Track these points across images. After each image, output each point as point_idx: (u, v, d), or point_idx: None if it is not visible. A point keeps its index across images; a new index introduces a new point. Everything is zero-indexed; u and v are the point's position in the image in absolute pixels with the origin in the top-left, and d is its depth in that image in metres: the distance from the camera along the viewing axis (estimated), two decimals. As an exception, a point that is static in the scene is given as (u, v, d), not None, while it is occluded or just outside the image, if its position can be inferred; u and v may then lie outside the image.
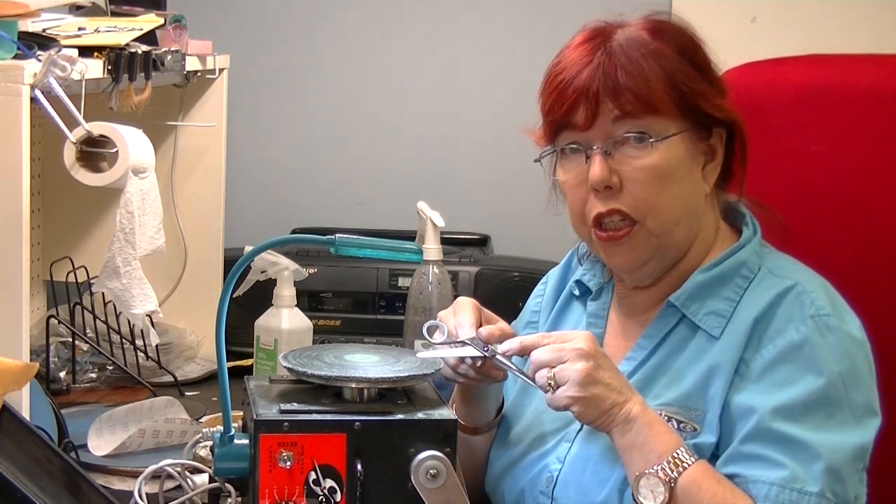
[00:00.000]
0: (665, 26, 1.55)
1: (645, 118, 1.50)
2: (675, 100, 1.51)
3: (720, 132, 1.56)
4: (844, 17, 2.65)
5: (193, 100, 2.44)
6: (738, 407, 1.46)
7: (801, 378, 1.44)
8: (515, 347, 1.49)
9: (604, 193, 1.52)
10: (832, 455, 1.41)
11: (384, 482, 1.40)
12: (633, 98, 1.50)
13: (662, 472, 1.41)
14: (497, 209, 2.79)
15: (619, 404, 1.44)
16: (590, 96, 1.51)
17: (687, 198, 1.54)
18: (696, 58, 1.55)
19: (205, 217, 2.47)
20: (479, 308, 1.58)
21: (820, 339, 1.46)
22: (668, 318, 1.56)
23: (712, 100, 1.54)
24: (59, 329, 2.27)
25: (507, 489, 1.62)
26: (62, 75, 1.66)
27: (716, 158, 1.57)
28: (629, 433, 1.43)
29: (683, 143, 1.52)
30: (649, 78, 1.50)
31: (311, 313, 2.18)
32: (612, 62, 1.51)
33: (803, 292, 1.50)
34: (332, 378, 1.45)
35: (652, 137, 1.50)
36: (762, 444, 1.43)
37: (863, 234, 1.77)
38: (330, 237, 1.44)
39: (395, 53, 2.84)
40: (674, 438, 1.44)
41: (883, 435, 1.48)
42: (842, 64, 1.85)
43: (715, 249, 1.59)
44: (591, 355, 1.44)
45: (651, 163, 1.51)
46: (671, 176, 1.51)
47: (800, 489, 1.40)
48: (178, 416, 1.95)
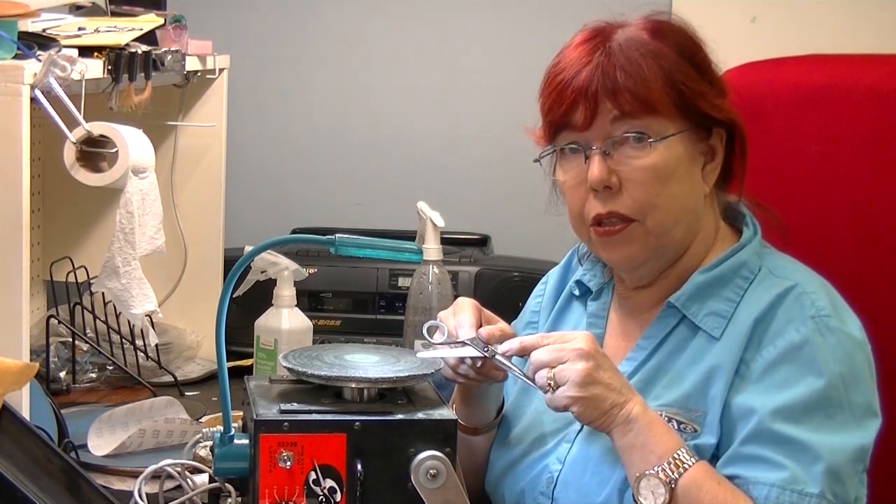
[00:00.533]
0: (665, 27, 1.55)
1: (644, 118, 1.50)
2: (674, 100, 1.51)
3: (720, 132, 1.56)
4: (844, 17, 2.65)
5: (193, 100, 2.44)
6: (739, 408, 1.46)
7: (802, 379, 1.44)
8: (515, 348, 1.49)
9: (603, 194, 1.52)
10: (832, 456, 1.41)
11: (384, 482, 1.40)
12: (631, 98, 1.50)
13: (663, 473, 1.41)
14: (497, 209, 2.79)
15: (620, 405, 1.44)
16: (588, 96, 1.51)
17: (686, 198, 1.54)
18: (696, 58, 1.55)
19: (205, 217, 2.47)
20: (479, 308, 1.58)
21: (820, 340, 1.46)
22: (668, 319, 1.56)
23: (712, 100, 1.54)
24: (59, 329, 2.27)
25: (508, 490, 1.62)
26: (62, 75, 1.66)
27: (715, 159, 1.57)
28: (630, 433, 1.43)
29: (682, 143, 1.52)
30: (648, 78, 1.50)
31: (311, 313, 2.18)
32: (611, 62, 1.51)
33: (804, 293, 1.50)
34: (332, 378, 1.45)
35: (651, 137, 1.50)
36: (762, 445, 1.43)
37: (863, 233, 1.77)
38: (330, 237, 1.44)
39: (395, 53, 2.84)
40: (674, 439, 1.44)
41: (883, 435, 1.48)
42: (842, 64, 1.85)
43: (715, 250, 1.58)
44: (591, 355, 1.44)
45: (650, 163, 1.51)
46: (670, 176, 1.51)
47: (800, 490, 1.40)
48: (178, 416, 1.95)
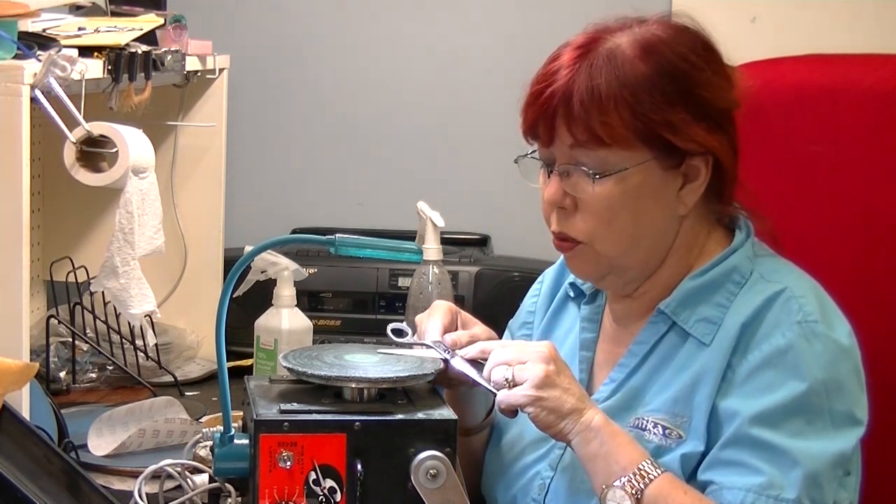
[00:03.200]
0: (658, 43, 1.49)
1: (598, 150, 1.47)
2: (637, 130, 1.46)
3: (705, 158, 1.50)
4: (844, 17, 2.64)
5: (193, 100, 2.44)
6: (724, 412, 1.45)
7: (784, 384, 1.43)
8: (474, 352, 1.50)
9: (559, 212, 1.52)
10: (811, 462, 1.40)
11: (384, 482, 1.40)
12: (584, 131, 1.46)
13: (629, 485, 1.39)
14: (497, 209, 2.79)
15: (580, 410, 1.43)
16: (547, 117, 1.49)
17: (646, 225, 1.51)
18: (682, 79, 1.48)
19: (205, 217, 2.47)
20: (455, 312, 1.59)
21: (805, 346, 1.44)
22: (658, 326, 1.55)
23: (684, 129, 1.47)
24: (59, 329, 2.27)
25: (500, 495, 1.62)
26: (62, 75, 1.66)
27: (699, 178, 1.51)
28: (593, 442, 1.42)
29: (642, 173, 1.48)
30: (607, 110, 1.45)
31: (311, 313, 2.18)
32: (577, 86, 1.46)
33: (792, 297, 1.47)
34: (332, 378, 1.45)
35: (599, 173, 1.47)
36: (740, 449, 1.42)
37: (862, 234, 1.77)
38: (330, 237, 1.44)
39: (395, 53, 2.84)
40: (638, 451, 1.43)
41: (880, 436, 1.48)
42: (842, 64, 1.85)
43: (707, 254, 1.55)
44: (552, 359, 1.43)
45: (602, 194, 1.48)
46: (623, 206, 1.48)
47: (776, 496, 1.39)
48: (178, 416, 1.95)
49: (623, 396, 1.53)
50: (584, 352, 1.63)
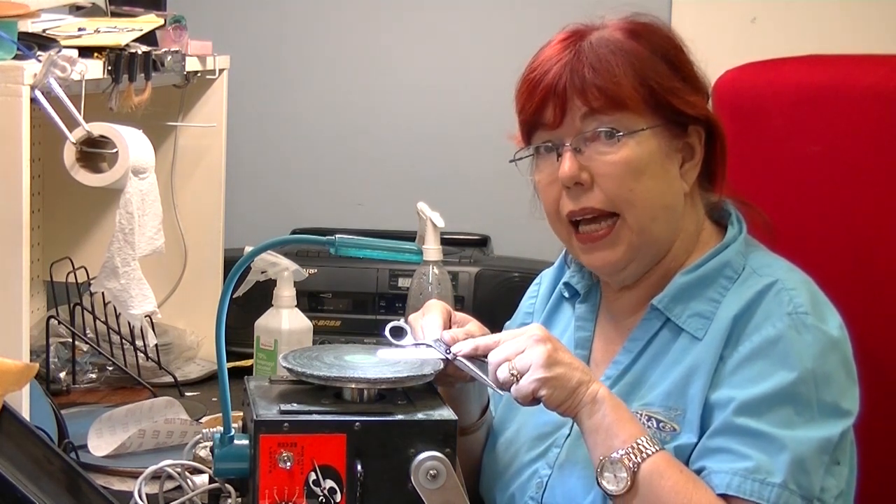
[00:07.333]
0: (641, 27, 1.55)
1: (613, 114, 1.50)
2: (645, 96, 1.51)
3: (697, 130, 1.55)
4: (844, 17, 2.65)
5: (193, 100, 2.44)
6: (716, 402, 1.46)
7: (774, 373, 1.44)
8: (469, 350, 1.50)
9: (574, 191, 1.52)
10: (798, 447, 1.41)
11: (384, 482, 1.40)
12: (599, 94, 1.49)
13: (627, 459, 1.41)
14: (497, 209, 2.79)
15: (586, 383, 1.44)
16: (557, 93, 1.51)
17: (662, 194, 1.53)
18: (671, 55, 1.54)
19: (205, 217, 2.47)
20: (449, 311, 1.59)
21: (795, 336, 1.45)
22: (652, 322, 1.56)
23: (685, 97, 1.53)
24: (59, 329, 2.27)
25: (499, 494, 1.63)
26: (62, 76, 1.66)
27: (695, 157, 1.56)
28: (597, 413, 1.43)
29: (655, 138, 1.52)
30: (617, 74, 1.50)
31: (311, 314, 2.18)
32: (581, 60, 1.51)
33: (783, 289, 1.49)
34: (331, 378, 1.45)
35: (620, 132, 1.50)
36: (729, 437, 1.43)
37: (862, 234, 1.77)
38: (330, 237, 1.44)
39: (395, 53, 2.84)
40: (637, 426, 1.44)
41: (876, 431, 1.49)
42: (842, 64, 1.85)
43: (699, 249, 1.57)
44: (547, 339, 1.44)
45: (621, 157, 1.50)
46: (643, 170, 1.51)
47: (762, 479, 1.40)
48: (178, 417, 1.95)
49: (619, 392, 1.53)
50: (579, 350, 1.63)
